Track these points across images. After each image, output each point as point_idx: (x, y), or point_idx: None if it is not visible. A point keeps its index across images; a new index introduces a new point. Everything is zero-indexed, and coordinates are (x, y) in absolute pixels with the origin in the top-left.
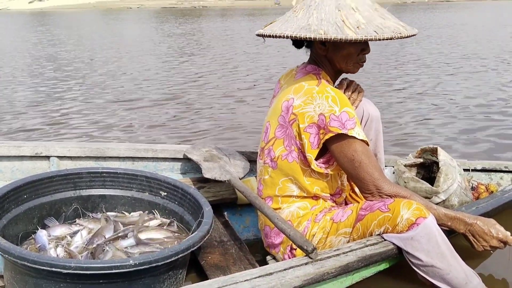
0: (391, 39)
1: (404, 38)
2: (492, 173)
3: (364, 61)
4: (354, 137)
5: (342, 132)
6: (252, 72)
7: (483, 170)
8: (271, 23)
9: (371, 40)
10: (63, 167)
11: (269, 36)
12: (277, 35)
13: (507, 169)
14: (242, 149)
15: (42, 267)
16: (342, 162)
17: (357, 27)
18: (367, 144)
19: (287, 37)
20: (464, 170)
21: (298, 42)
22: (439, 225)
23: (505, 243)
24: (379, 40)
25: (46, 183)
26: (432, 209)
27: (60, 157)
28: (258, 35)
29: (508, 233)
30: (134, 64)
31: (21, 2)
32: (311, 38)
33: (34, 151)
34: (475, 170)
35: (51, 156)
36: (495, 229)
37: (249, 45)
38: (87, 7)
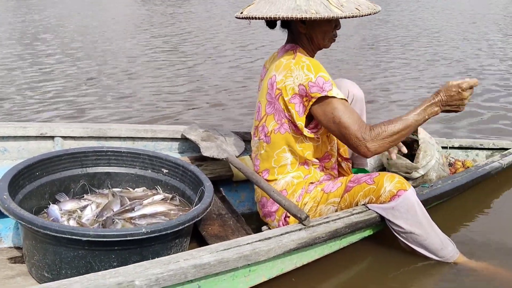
0: (369, 14)
1: (376, 13)
2: (469, 150)
3: (336, 36)
4: (334, 97)
5: (322, 95)
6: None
7: (460, 147)
8: (249, 5)
9: (356, 16)
10: (67, 146)
11: (256, 18)
12: (269, 16)
13: (482, 147)
14: (236, 129)
15: (64, 235)
16: (326, 123)
17: (341, 5)
18: (347, 101)
19: (279, 18)
20: (443, 147)
21: (271, 23)
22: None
23: (471, 87)
24: (361, 16)
25: (56, 161)
26: (407, 121)
27: (64, 137)
28: (243, 17)
29: (465, 78)
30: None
31: None
32: (306, 18)
33: (39, 132)
34: (453, 147)
35: (55, 136)
36: (455, 86)
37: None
38: None
